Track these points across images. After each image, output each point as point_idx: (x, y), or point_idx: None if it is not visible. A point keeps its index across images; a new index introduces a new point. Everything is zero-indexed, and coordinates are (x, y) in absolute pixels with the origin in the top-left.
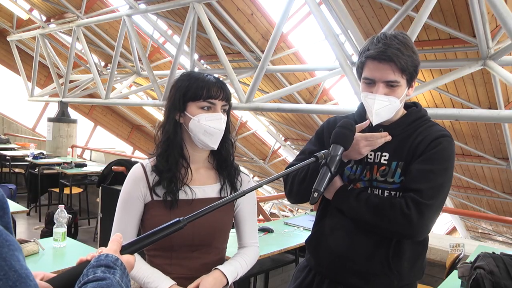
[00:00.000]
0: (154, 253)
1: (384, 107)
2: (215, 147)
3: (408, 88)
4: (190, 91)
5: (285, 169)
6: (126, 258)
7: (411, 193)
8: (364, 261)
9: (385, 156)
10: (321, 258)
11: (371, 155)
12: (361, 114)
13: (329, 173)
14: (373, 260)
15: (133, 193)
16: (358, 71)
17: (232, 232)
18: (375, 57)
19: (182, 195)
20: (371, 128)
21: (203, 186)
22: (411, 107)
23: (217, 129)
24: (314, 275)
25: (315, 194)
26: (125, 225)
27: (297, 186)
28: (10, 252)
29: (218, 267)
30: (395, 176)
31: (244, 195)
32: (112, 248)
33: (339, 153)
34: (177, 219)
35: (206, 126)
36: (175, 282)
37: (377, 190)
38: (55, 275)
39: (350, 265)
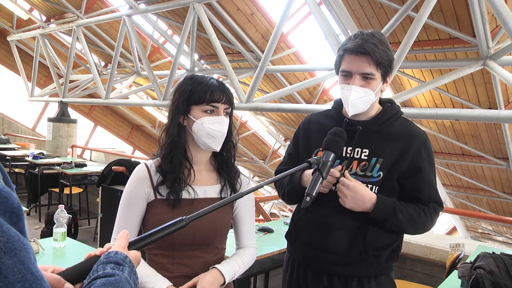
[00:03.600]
0: (156, 252)
1: (360, 98)
2: (218, 149)
3: (383, 83)
4: (193, 95)
5: (275, 174)
6: (133, 254)
7: (435, 204)
8: (344, 252)
9: (365, 152)
10: (301, 250)
11: (350, 150)
12: (337, 109)
13: (321, 178)
14: (352, 250)
15: (137, 192)
16: (336, 65)
17: (231, 232)
18: (352, 50)
19: (184, 195)
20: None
21: (204, 186)
22: (385, 103)
23: (220, 132)
24: (298, 266)
25: (308, 199)
26: (127, 223)
27: (284, 189)
28: (27, 255)
29: (216, 266)
30: (373, 170)
31: (244, 195)
32: (121, 244)
33: (330, 159)
34: (180, 218)
35: (209, 129)
36: (172, 283)
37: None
38: (65, 268)
39: (330, 257)
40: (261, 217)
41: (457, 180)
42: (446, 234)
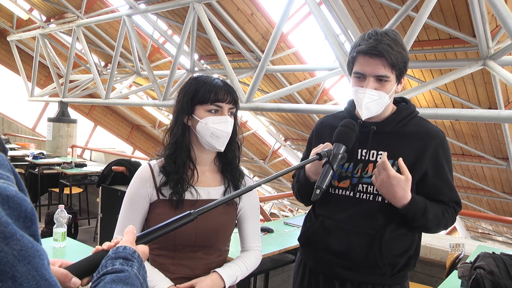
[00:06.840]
0: (158, 253)
1: (374, 101)
2: (222, 149)
3: (397, 84)
4: (198, 95)
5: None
6: (141, 249)
7: (455, 204)
8: (358, 258)
9: (381, 154)
10: (314, 254)
11: (366, 152)
12: (350, 111)
13: (331, 171)
14: (367, 257)
15: (140, 193)
16: (349, 66)
17: (235, 233)
18: (366, 52)
19: (187, 196)
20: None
21: (207, 187)
22: (400, 102)
23: (224, 132)
24: (309, 269)
25: (317, 191)
26: (129, 223)
27: (295, 188)
28: (41, 262)
29: (217, 269)
30: None
31: (248, 191)
32: (129, 239)
33: (341, 152)
34: (188, 212)
35: (213, 128)
36: (173, 284)
37: (371, 186)
38: (73, 262)
39: (343, 263)
40: (261, 217)
41: (457, 180)
42: (446, 234)
